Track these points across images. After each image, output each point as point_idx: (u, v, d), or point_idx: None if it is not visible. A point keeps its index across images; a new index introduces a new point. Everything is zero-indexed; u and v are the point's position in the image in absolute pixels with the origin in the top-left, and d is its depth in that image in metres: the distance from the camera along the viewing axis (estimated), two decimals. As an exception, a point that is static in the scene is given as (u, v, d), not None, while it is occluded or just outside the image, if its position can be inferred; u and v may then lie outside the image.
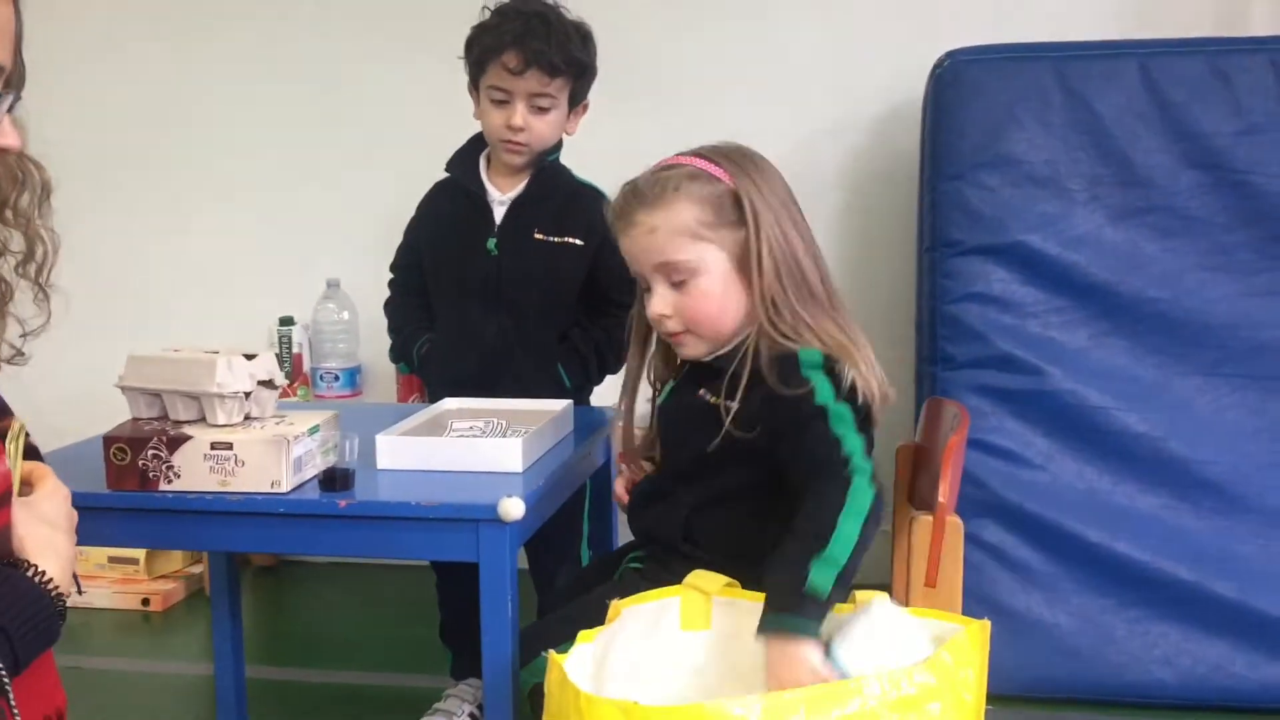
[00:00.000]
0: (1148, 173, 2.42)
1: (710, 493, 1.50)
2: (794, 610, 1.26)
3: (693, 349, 1.51)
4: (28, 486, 1.07)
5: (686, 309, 1.47)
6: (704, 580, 1.39)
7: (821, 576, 1.27)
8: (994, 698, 1.35)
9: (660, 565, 1.52)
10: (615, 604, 1.35)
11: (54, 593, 1.00)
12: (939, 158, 2.50)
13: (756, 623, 1.29)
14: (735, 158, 1.50)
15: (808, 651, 1.24)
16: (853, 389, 1.41)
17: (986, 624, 1.25)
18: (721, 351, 1.50)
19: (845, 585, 1.29)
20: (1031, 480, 2.37)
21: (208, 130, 3.19)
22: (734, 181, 1.46)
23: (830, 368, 1.42)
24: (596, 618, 1.35)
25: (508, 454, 1.53)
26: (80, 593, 1.11)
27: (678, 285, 1.47)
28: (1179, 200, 2.41)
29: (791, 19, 2.90)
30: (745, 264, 1.45)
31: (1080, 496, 2.36)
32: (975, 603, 2.24)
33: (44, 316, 1.14)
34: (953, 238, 2.46)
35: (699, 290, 1.46)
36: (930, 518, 1.46)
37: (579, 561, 2.09)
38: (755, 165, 1.50)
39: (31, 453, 1.10)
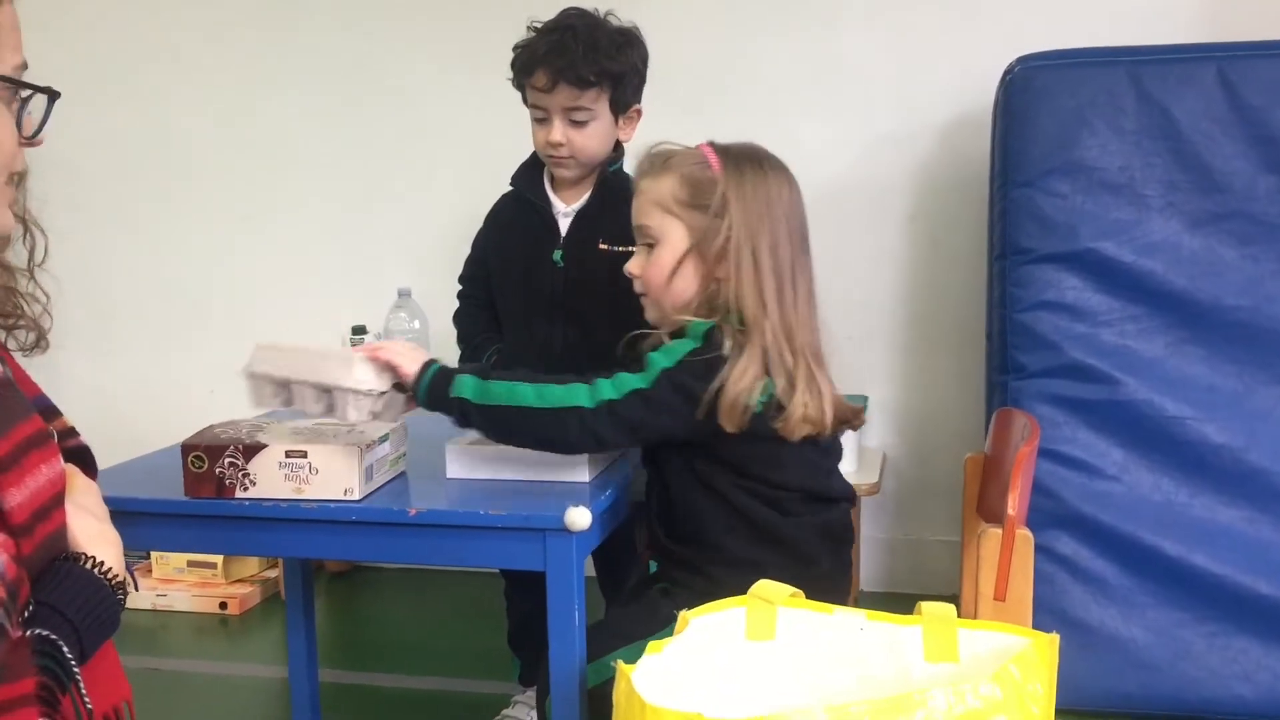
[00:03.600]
0: (1226, 178, 2.37)
1: (663, 483, 1.58)
2: (441, 388, 1.47)
3: (650, 313, 1.62)
4: None
5: (646, 272, 1.59)
6: (769, 590, 1.39)
7: (470, 389, 1.47)
8: (1067, 712, 1.34)
9: (672, 582, 1.59)
10: (684, 615, 1.36)
11: (114, 581, 1.02)
12: (1009, 165, 2.47)
13: (821, 635, 1.30)
14: (740, 157, 1.56)
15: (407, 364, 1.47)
16: (706, 364, 1.47)
17: (1055, 637, 1.24)
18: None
19: (460, 412, 1.48)
20: (1106, 491, 2.33)
21: (283, 144, 3.25)
22: (722, 174, 1.53)
23: (708, 334, 1.50)
24: (660, 618, 1.37)
25: (575, 464, 1.55)
26: (136, 589, 1.13)
27: (648, 250, 1.58)
28: (1258, 206, 2.36)
29: (860, 26, 2.89)
30: (703, 250, 1.53)
31: (1156, 508, 2.32)
32: (1048, 615, 2.21)
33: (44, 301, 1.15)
34: (1023, 245, 2.43)
35: (656, 258, 1.57)
36: (999, 530, 1.44)
37: (646, 570, 2.10)
38: (757, 169, 1.55)
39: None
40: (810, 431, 1.51)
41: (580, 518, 1.39)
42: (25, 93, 1.01)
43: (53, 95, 1.04)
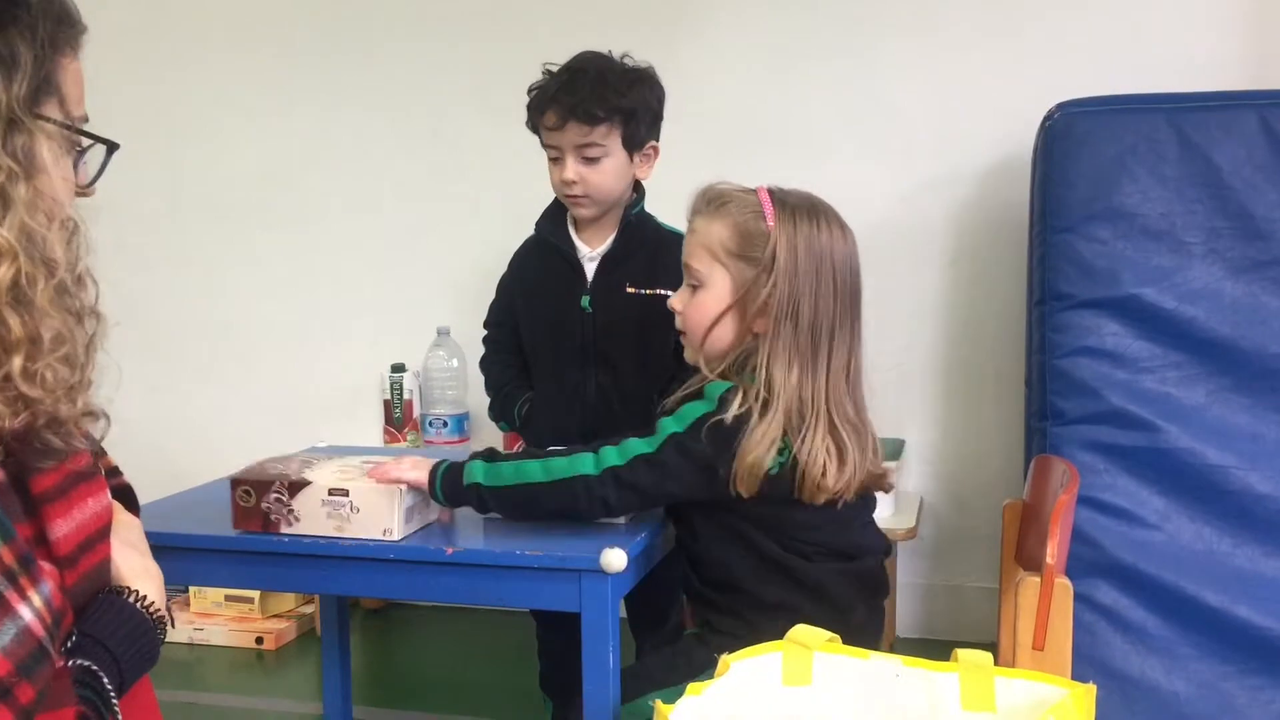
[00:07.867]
0: (1269, 225, 2.36)
1: (690, 533, 1.57)
2: (454, 482, 1.49)
3: (687, 353, 1.61)
4: None
5: (687, 312, 1.57)
6: (806, 635, 1.38)
7: (481, 474, 1.49)
8: (1105, 766, 1.32)
9: (707, 626, 1.58)
10: (724, 658, 1.35)
11: (156, 616, 1.04)
12: (1049, 210, 2.47)
13: (857, 681, 1.30)
14: (797, 209, 1.52)
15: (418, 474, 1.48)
16: (716, 428, 1.45)
17: (1092, 688, 1.22)
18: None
19: (478, 498, 1.50)
20: (1146, 540, 2.30)
21: (327, 186, 3.30)
22: (775, 228, 1.49)
23: (723, 398, 1.47)
24: (695, 663, 1.36)
25: (611, 505, 1.55)
26: (173, 626, 1.14)
27: (692, 289, 1.56)
28: (1302, 254, 2.34)
29: (899, 71, 2.90)
30: (745, 303, 1.51)
31: (1198, 558, 2.28)
32: (1088, 666, 2.18)
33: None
34: (1063, 291, 2.43)
35: (698, 300, 1.55)
36: (1038, 579, 1.43)
37: (681, 613, 2.09)
38: (812, 224, 1.51)
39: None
40: (830, 498, 1.48)
41: (616, 559, 1.39)
42: (85, 142, 1.04)
43: (112, 147, 1.07)
